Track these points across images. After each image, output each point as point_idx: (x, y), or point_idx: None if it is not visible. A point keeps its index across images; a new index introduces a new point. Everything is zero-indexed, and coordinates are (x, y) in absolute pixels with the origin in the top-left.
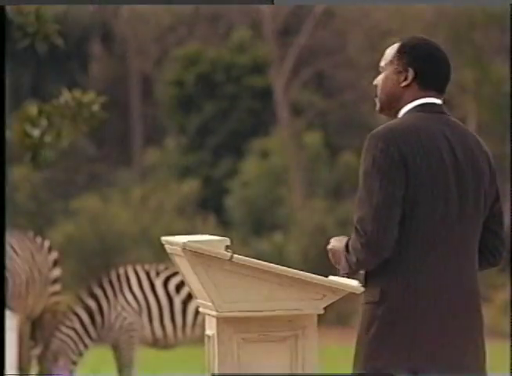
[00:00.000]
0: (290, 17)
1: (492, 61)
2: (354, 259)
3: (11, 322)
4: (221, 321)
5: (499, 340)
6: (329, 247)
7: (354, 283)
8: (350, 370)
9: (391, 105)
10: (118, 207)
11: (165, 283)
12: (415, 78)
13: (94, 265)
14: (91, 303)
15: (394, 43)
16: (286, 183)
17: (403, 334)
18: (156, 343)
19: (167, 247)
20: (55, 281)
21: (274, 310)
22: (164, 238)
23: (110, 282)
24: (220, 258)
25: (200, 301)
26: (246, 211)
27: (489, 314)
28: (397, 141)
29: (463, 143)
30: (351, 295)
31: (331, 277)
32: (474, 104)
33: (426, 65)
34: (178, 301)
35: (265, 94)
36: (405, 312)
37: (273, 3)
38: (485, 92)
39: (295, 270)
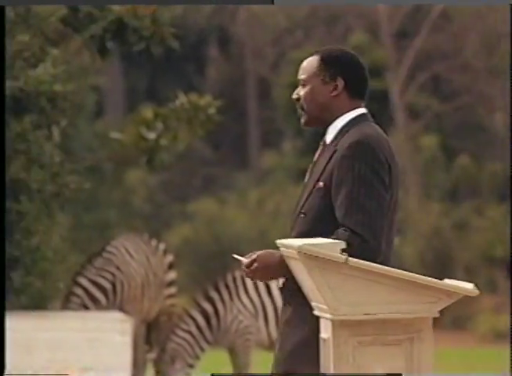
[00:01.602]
0: (406, 20)
1: None
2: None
3: (125, 325)
4: (337, 324)
5: None
6: (258, 266)
7: (469, 286)
8: (464, 372)
9: (322, 116)
10: (235, 210)
11: None
12: (344, 87)
13: (210, 268)
14: (208, 306)
15: (315, 55)
16: (402, 186)
17: None
18: (272, 346)
19: (282, 250)
20: (170, 284)
21: (389, 313)
22: (279, 241)
23: (226, 285)
24: (335, 261)
25: (315, 304)
26: None
27: None
28: (383, 149)
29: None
30: (466, 298)
31: (446, 280)
32: None
33: (353, 73)
34: None
35: (382, 97)
36: None
37: (273, 3)
38: None
39: (410, 273)
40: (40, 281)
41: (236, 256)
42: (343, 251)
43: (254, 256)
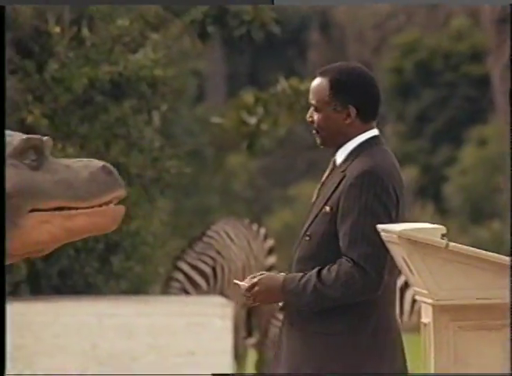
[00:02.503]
0: (508, 5)
1: None
2: (337, 294)
3: (226, 310)
4: (438, 309)
5: None
6: (260, 289)
7: None
8: None
9: (337, 140)
10: None
11: None
12: (357, 114)
13: None
14: None
15: (323, 78)
16: (503, 171)
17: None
18: None
19: (382, 234)
20: (270, 268)
21: (490, 298)
22: (379, 226)
23: None
24: (436, 246)
25: (416, 288)
26: (464, 199)
27: None
28: (392, 180)
29: None
30: None
31: None
32: None
33: (365, 99)
34: None
35: (483, 82)
36: (382, 338)
37: (273, 3)
38: None
39: (510, 258)
40: (140, 266)
41: (236, 282)
42: (443, 235)
43: (255, 280)
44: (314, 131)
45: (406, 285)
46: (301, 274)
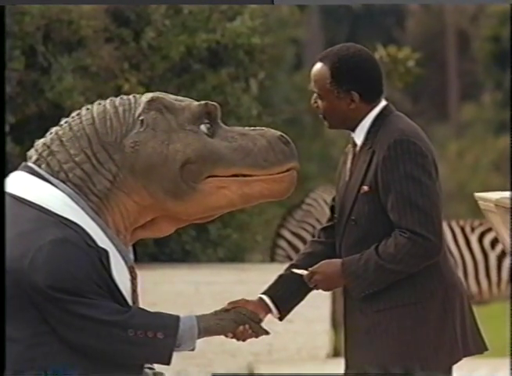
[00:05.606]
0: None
1: None
2: (400, 266)
3: None
4: None
5: None
6: (318, 278)
7: None
8: None
9: (345, 124)
10: None
11: (480, 239)
12: (360, 98)
13: None
14: None
15: (323, 65)
16: None
17: (455, 328)
18: (470, 299)
19: (480, 203)
20: None
21: None
22: (477, 194)
23: None
24: None
25: None
26: None
27: None
28: (421, 141)
29: None
30: None
31: None
32: None
33: (366, 83)
34: (493, 257)
35: None
36: (451, 306)
37: (273, 3)
38: None
39: None
40: (237, 233)
41: (295, 270)
42: None
43: (314, 268)
44: (321, 116)
45: (503, 253)
46: (358, 256)
